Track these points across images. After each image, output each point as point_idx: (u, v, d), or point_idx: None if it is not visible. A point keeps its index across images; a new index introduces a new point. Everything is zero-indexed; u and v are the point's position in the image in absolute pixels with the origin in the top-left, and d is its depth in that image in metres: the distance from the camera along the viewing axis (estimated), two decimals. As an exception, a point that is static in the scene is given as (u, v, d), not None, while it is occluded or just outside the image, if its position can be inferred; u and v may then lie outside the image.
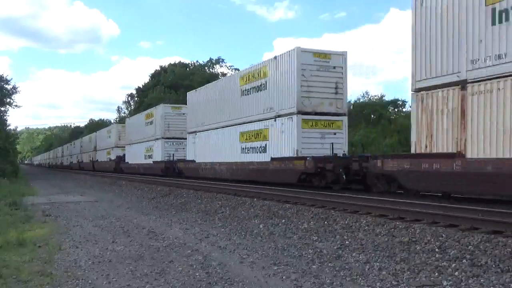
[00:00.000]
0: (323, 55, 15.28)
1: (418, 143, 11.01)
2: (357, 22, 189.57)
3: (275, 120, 16.04)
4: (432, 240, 6.94)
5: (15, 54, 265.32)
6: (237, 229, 9.30)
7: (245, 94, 18.22)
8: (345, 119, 15.71)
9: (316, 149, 14.92)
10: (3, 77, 37.44)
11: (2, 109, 38.31)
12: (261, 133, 16.97)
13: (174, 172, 25.61)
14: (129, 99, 71.37)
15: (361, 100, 44.40)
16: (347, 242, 7.45)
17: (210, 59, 59.92)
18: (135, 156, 33.06)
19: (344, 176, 13.66)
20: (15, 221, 10.59)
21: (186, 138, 24.93)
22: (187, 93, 26.41)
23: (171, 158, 26.88)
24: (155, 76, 62.11)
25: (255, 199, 13.00)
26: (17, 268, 6.24)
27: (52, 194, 19.49)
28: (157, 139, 28.51)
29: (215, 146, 20.61)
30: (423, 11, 10.91)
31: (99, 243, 8.11)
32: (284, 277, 5.60)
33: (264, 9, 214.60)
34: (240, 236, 8.51)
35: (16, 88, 38.26)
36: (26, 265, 6.41)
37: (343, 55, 15.62)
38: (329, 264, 6.19)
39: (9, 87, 37.88)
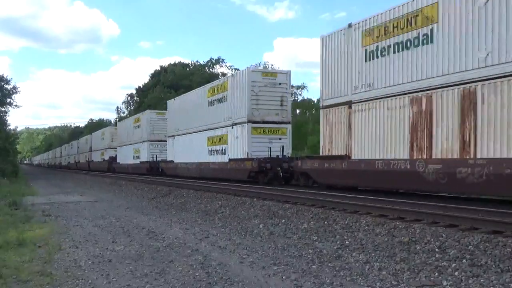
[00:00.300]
0: (270, 74, 18.79)
1: (324, 148, 14.47)
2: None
3: (232, 127, 19.20)
4: (432, 240, 6.94)
5: (15, 54, 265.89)
6: (237, 229, 9.30)
7: (211, 105, 21.46)
8: (289, 126, 18.77)
9: (265, 151, 17.82)
10: (4, 77, 37.45)
11: (3, 109, 38.32)
12: (222, 138, 20.13)
13: (157, 171, 28.64)
14: (128, 99, 71.35)
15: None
16: (347, 242, 7.45)
17: (211, 59, 59.86)
18: (125, 156, 36.52)
19: (281, 174, 16.93)
20: (15, 221, 10.58)
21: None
22: (168, 101, 29.66)
23: (155, 158, 30.02)
24: (155, 76, 62.07)
25: (255, 199, 13.00)
26: (17, 268, 6.24)
27: (52, 194, 19.49)
28: (143, 141, 31.84)
29: (188, 149, 23.85)
30: (327, 46, 14.44)
31: (99, 243, 8.11)
32: (284, 277, 5.60)
33: (264, 9, 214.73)
34: (240, 236, 8.50)
35: (16, 88, 38.30)
36: (26, 265, 6.41)
37: (287, 73, 18.88)
38: (329, 264, 6.18)
39: (9, 87, 37.92)
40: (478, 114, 9.68)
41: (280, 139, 18.29)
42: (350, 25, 13.44)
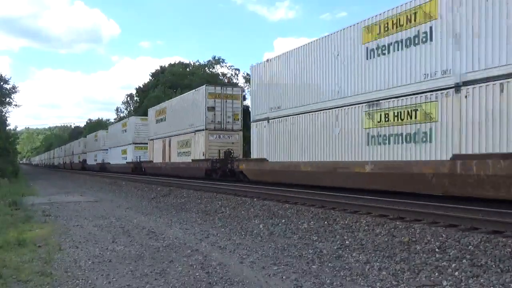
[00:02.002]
0: (145, 119, 35.95)
1: (149, 157, 33.08)
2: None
3: (128, 146, 37.41)
4: (432, 240, 6.94)
5: (16, 54, 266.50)
6: (237, 229, 9.30)
7: (122, 133, 39.85)
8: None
9: (142, 159, 35.32)
10: (2, 77, 37.45)
11: (3, 109, 38.35)
12: (125, 151, 38.58)
13: (104, 170, 45.21)
14: (128, 99, 71.32)
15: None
16: (347, 242, 7.45)
17: (214, 58, 59.72)
18: (91, 159, 55.24)
19: (143, 170, 33.65)
20: (15, 221, 10.58)
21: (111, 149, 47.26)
22: (109, 126, 52.59)
23: (104, 161, 47.33)
24: (156, 75, 61.99)
25: (255, 199, 13.00)
26: (17, 268, 6.24)
27: (52, 194, 19.49)
28: (97, 150, 51.14)
29: (115, 156, 42.02)
30: (149, 115, 35.28)
31: (99, 243, 8.11)
32: (284, 277, 5.60)
33: (265, 9, 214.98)
34: (240, 236, 8.51)
35: (16, 88, 38.31)
36: (26, 265, 6.41)
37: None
38: (329, 264, 6.19)
39: (8, 86, 37.93)
40: (171, 148, 27.49)
41: (126, 152, 37.09)
42: (149, 109, 33.37)
